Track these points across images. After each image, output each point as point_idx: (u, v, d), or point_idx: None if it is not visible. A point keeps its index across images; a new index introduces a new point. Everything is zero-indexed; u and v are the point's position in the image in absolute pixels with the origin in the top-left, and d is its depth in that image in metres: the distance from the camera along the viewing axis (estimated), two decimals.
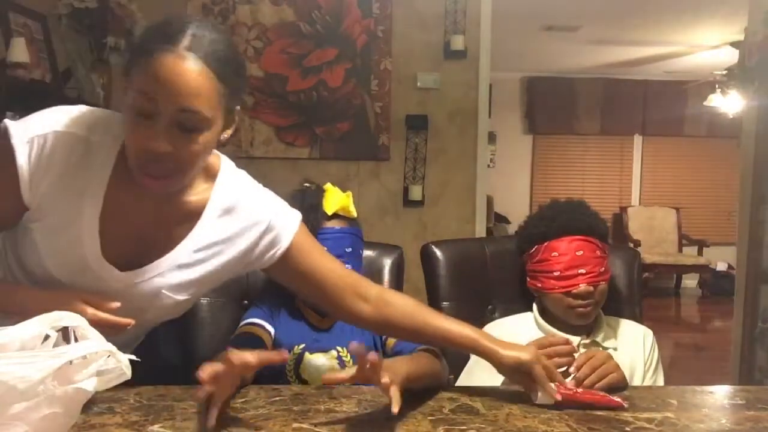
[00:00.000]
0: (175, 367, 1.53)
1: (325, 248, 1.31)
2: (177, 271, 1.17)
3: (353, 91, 3.71)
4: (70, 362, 0.83)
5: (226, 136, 1.15)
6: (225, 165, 1.24)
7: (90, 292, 1.10)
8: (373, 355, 0.99)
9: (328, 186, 1.51)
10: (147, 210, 1.14)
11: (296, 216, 1.25)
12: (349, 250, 1.47)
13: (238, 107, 1.15)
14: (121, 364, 0.89)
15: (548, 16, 5.27)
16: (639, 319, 1.68)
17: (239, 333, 1.41)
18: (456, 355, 1.55)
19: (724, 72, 5.74)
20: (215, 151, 1.23)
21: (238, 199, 1.20)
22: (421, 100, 3.77)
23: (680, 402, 1.19)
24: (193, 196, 1.17)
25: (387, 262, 1.70)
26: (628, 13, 5.10)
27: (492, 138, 6.55)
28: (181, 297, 1.19)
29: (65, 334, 0.92)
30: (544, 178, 7.57)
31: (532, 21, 5.36)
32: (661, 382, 1.56)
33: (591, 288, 1.48)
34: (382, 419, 1.07)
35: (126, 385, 1.21)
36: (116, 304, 1.08)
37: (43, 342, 0.89)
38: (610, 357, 1.26)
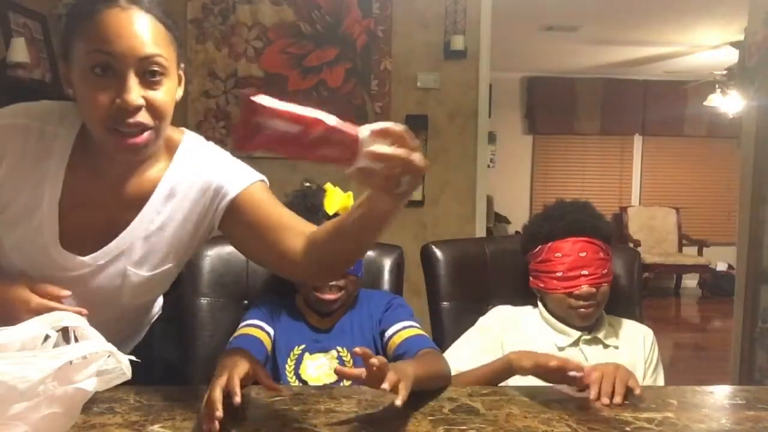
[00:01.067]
0: (175, 367, 1.53)
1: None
2: (137, 245, 1.16)
3: (353, 91, 3.71)
4: (70, 362, 0.83)
5: (179, 95, 1.13)
6: (187, 139, 1.21)
7: (38, 280, 1.10)
8: (378, 359, 0.99)
9: (329, 186, 1.50)
10: (106, 193, 1.14)
11: (253, 175, 1.20)
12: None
13: (183, 65, 1.14)
14: (121, 364, 0.89)
15: (548, 16, 5.27)
16: (639, 319, 1.68)
17: (239, 334, 1.41)
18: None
19: (724, 72, 5.74)
20: (182, 128, 1.23)
21: (194, 171, 1.18)
22: (421, 100, 3.77)
23: (680, 402, 1.19)
24: (153, 172, 1.17)
25: (387, 262, 1.70)
26: (628, 13, 5.10)
27: (492, 138, 6.55)
28: (147, 273, 1.18)
29: (65, 335, 0.92)
30: (544, 178, 7.57)
31: (532, 21, 5.36)
32: (661, 381, 1.56)
33: (593, 289, 1.48)
34: (382, 419, 1.07)
35: (126, 385, 1.21)
36: (66, 293, 1.08)
37: (43, 342, 0.89)
38: (617, 366, 1.23)
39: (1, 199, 1.11)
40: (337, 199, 1.47)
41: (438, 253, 1.72)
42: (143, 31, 1.02)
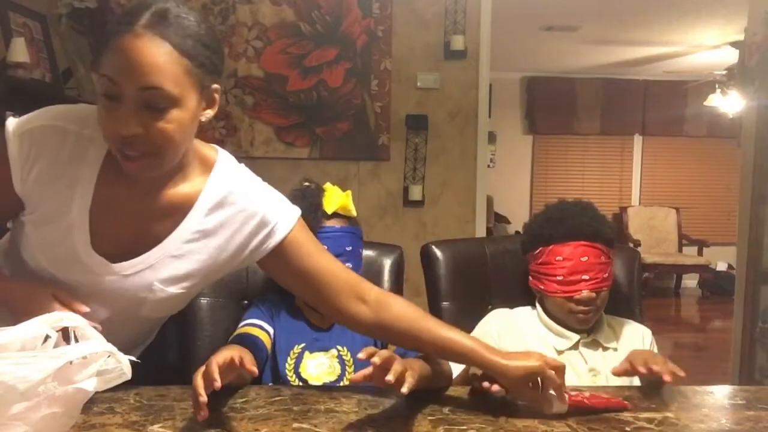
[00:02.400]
0: (175, 367, 1.53)
1: (325, 247, 1.29)
2: (168, 262, 1.16)
3: (353, 91, 3.71)
4: (70, 363, 0.83)
5: (208, 116, 1.13)
6: (222, 157, 1.22)
7: (64, 290, 1.10)
8: (380, 355, 0.99)
9: (328, 185, 1.51)
10: (138, 202, 1.14)
11: (294, 211, 1.22)
12: (349, 248, 1.47)
13: (217, 86, 1.12)
14: (121, 364, 0.89)
15: (548, 16, 5.27)
16: (639, 319, 1.67)
17: (238, 333, 1.41)
18: None
19: (724, 72, 5.74)
20: (214, 145, 1.23)
21: (232, 191, 1.18)
22: (421, 100, 3.77)
23: (680, 402, 1.19)
24: (187, 187, 1.16)
25: (387, 262, 1.70)
26: (628, 13, 5.10)
27: (492, 138, 6.56)
28: (173, 290, 1.18)
29: (65, 335, 0.92)
30: (544, 178, 7.57)
31: (532, 21, 5.36)
32: None
33: (593, 294, 1.47)
34: (382, 419, 1.07)
35: (126, 385, 1.21)
36: (85, 308, 1.07)
37: (43, 342, 0.89)
38: (653, 352, 1.30)
39: (33, 199, 1.11)
40: (336, 198, 1.48)
41: (438, 253, 1.72)
42: (148, 62, 1.00)
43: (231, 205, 1.18)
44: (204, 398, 0.97)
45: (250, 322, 1.44)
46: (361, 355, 1.00)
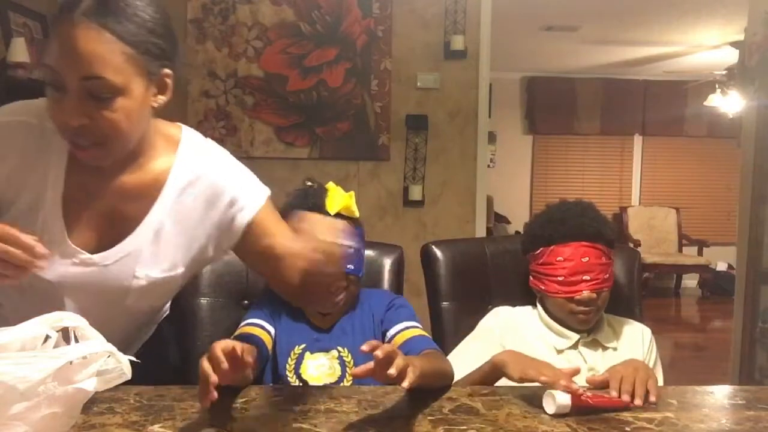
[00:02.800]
0: (175, 367, 1.53)
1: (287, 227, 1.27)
2: (147, 247, 1.16)
3: (353, 91, 3.71)
4: (70, 363, 0.83)
5: (161, 102, 1.11)
6: (186, 135, 1.20)
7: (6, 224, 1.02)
8: (382, 349, 0.99)
9: (331, 185, 1.49)
10: (108, 187, 1.13)
11: (264, 190, 1.22)
12: (350, 250, 1.47)
13: (168, 71, 1.10)
14: (121, 364, 0.89)
15: (548, 16, 5.27)
16: (639, 319, 1.67)
17: (239, 333, 1.41)
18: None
19: (724, 72, 5.74)
20: (178, 123, 1.22)
21: (202, 168, 1.17)
22: (421, 100, 3.77)
23: (680, 402, 1.19)
24: (155, 166, 1.16)
25: (387, 262, 1.70)
26: (628, 13, 5.10)
27: (492, 138, 6.55)
28: (156, 275, 1.17)
29: (65, 335, 0.92)
30: (544, 178, 7.57)
31: (532, 21, 5.36)
32: (660, 380, 1.56)
33: (594, 295, 1.47)
34: (382, 419, 1.07)
35: (126, 385, 1.21)
36: (39, 247, 0.99)
37: (43, 343, 0.89)
38: (636, 367, 1.23)
39: (6, 197, 1.11)
40: (338, 199, 1.47)
41: (438, 253, 1.72)
42: (87, 51, 0.97)
43: (201, 183, 1.17)
44: (215, 378, 0.96)
45: (251, 322, 1.44)
46: (364, 348, 1.00)
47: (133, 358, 0.89)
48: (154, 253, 1.16)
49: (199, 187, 1.17)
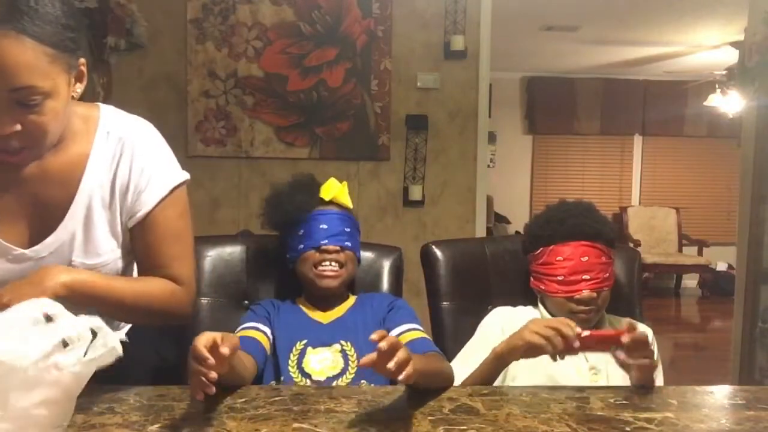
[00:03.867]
0: (175, 367, 1.53)
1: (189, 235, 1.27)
2: (78, 233, 1.15)
3: (353, 91, 3.71)
4: (64, 344, 0.83)
5: (78, 90, 1.11)
6: (105, 112, 1.20)
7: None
8: (387, 341, 0.99)
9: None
10: (27, 176, 1.12)
11: (169, 182, 1.21)
12: (347, 230, 1.50)
13: (83, 59, 1.09)
14: (108, 338, 0.88)
15: (548, 16, 5.27)
16: (639, 318, 1.67)
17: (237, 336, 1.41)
18: (456, 353, 1.55)
19: (724, 72, 5.74)
20: (96, 103, 1.21)
21: (123, 144, 1.17)
22: (421, 100, 3.77)
23: (680, 402, 1.19)
24: (75, 149, 1.15)
25: (386, 264, 1.70)
26: (628, 13, 5.10)
27: (492, 138, 6.55)
28: (90, 261, 1.17)
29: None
30: (544, 178, 7.56)
31: (532, 21, 5.36)
32: (660, 381, 1.56)
33: (594, 294, 1.48)
34: (382, 419, 1.07)
35: (126, 385, 1.21)
36: None
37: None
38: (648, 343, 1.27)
39: None
40: (333, 187, 1.53)
41: (438, 253, 1.72)
42: (12, 62, 0.96)
43: (121, 164, 1.17)
44: (215, 375, 0.95)
45: (247, 326, 1.44)
46: (373, 336, 1.00)
47: (124, 337, 0.89)
48: (86, 238, 1.16)
49: (120, 169, 1.17)
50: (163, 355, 1.48)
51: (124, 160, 1.17)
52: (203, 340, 0.98)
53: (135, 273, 1.29)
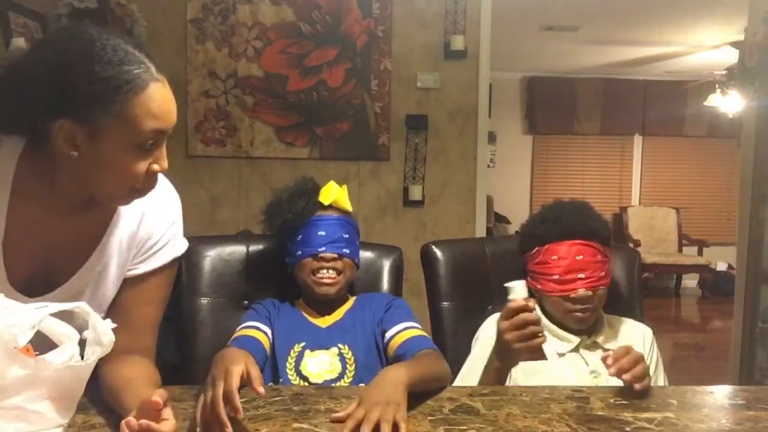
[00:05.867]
0: (175, 367, 1.53)
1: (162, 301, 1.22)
2: (88, 288, 1.11)
3: (353, 91, 3.71)
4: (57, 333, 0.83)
5: None
6: None
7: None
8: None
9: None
10: (53, 227, 1.07)
11: (170, 253, 1.19)
12: (346, 236, 1.49)
13: None
14: (98, 324, 0.89)
15: (548, 16, 5.27)
16: (639, 319, 1.67)
17: (237, 336, 1.41)
18: (457, 353, 1.55)
19: (724, 72, 5.74)
20: None
21: (143, 212, 1.14)
22: (421, 100, 3.76)
23: (680, 402, 1.19)
24: (100, 215, 1.11)
25: (386, 264, 1.70)
26: (628, 13, 5.10)
27: (492, 138, 6.55)
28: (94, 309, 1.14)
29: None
30: (544, 178, 7.56)
31: (532, 21, 5.36)
32: (662, 381, 1.56)
33: (589, 293, 1.47)
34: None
35: None
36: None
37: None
38: (627, 348, 1.28)
39: None
40: (332, 191, 1.53)
41: (438, 253, 1.72)
42: (174, 106, 1.03)
43: (142, 226, 1.14)
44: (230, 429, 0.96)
45: (247, 325, 1.45)
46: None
47: (112, 324, 0.89)
48: (93, 293, 1.12)
49: (144, 224, 1.15)
50: (165, 356, 1.48)
51: (149, 216, 1.15)
52: (236, 374, 1.01)
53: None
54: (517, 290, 1.28)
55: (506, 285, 1.29)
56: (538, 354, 1.29)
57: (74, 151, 0.97)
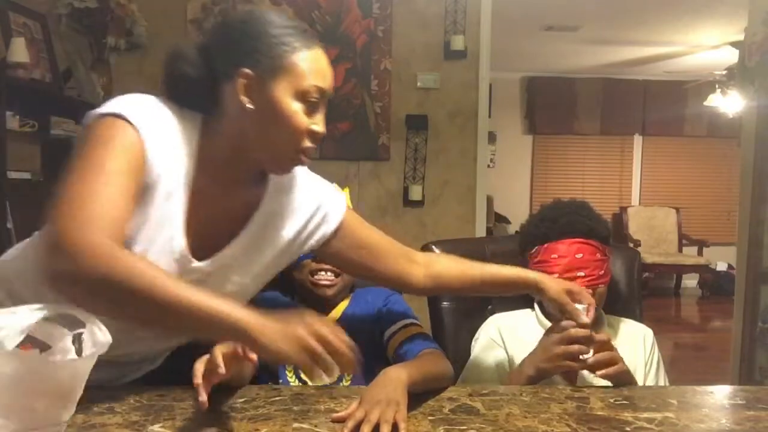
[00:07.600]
0: (175, 368, 1.52)
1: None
2: (244, 254, 1.17)
3: (353, 91, 3.71)
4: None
5: None
6: None
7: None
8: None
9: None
10: (227, 198, 1.14)
11: (342, 198, 1.32)
12: None
13: None
14: (95, 327, 0.89)
15: (548, 16, 5.27)
16: (639, 319, 1.67)
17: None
18: (457, 353, 1.55)
19: (724, 72, 5.74)
20: None
21: (291, 179, 1.24)
22: (421, 100, 3.77)
23: (680, 402, 1.19)
24: (257, 185, 1.20)
25: None
26: (628, 13, 5.10)
27: (492, 138, 6.56)
28: (246, 280, 1.20)
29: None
30: (544, 178, 7.57)
31: (532, 21, 5.36)
32: (662, 381, 1.56)
33: (589, 291, 1.47)
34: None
35: (126, 385, 1.21)
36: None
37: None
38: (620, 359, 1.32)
39: (150, 177, 1.04)
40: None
41: (438, 253, 1.71)
42: (331, 70, 1.13)
43: (293, 192, 1.24)
44: (198, 380, 0.99)
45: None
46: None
47: (104, 328, 0.90)
48: (250, 259, 1.18)
49: (291, 195, 1.23)
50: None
51: (297, 181, 1.26)
52: (223, 347, 1.04)
53: None
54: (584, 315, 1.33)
55: (578, 306, 1.34)
56: (572, 379, 1.35)
57: (250, 104, 1.07)
